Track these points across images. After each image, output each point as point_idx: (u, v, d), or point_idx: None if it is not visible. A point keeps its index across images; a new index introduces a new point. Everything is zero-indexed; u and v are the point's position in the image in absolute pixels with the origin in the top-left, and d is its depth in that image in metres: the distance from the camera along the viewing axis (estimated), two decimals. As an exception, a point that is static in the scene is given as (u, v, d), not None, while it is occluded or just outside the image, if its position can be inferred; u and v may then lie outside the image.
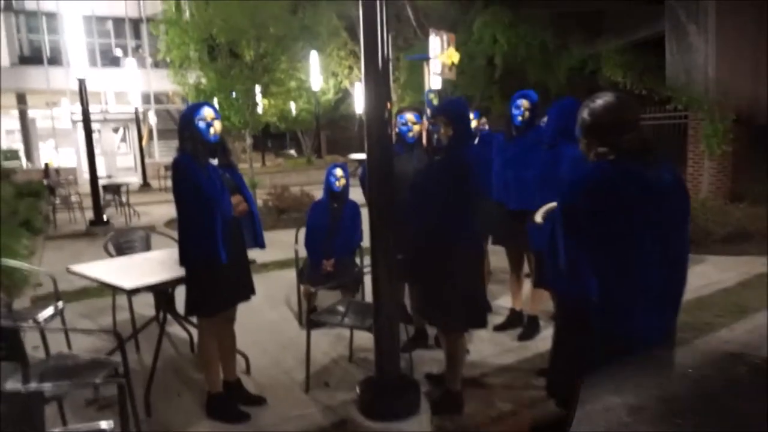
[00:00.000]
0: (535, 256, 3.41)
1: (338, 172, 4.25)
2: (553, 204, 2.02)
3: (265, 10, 10.72)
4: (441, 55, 7.47)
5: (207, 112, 2.87)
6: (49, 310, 3.65)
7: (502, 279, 4.88)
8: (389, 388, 2.80)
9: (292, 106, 16.32)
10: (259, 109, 12.20)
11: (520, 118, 3.89)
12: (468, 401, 3.14)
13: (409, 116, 3.58)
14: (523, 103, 3.88)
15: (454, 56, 7.60)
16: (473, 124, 4.37)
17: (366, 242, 4.20)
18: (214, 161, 2.91)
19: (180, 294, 3.62)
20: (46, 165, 16.16)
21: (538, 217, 2.05)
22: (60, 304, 3.74)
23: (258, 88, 11.76)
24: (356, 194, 4.34)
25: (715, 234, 6.36)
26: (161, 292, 3.51)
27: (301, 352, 3.74)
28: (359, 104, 19.65)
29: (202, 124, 2.85)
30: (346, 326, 3.58)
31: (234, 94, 11.40)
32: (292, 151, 27.11)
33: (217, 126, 2.88)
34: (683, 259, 1.86)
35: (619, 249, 1.71)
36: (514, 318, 4.26)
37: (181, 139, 2.92)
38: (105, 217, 9.35)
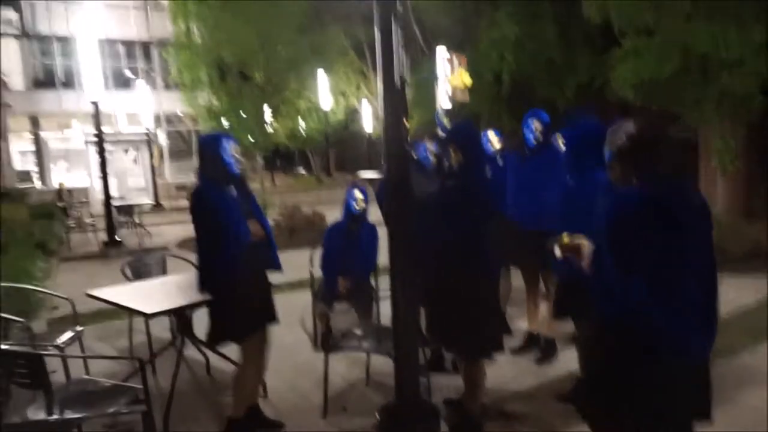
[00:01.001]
0: (559, 284, 3.31)
1: (358, 194, 4.22)
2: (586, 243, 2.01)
3: (274, 32, 10.87)
4: (453, 78, 7.51)
5: (233, 146, 2.95)
6: (68, 334, 3.68)
7: (518, 300, 4.84)
8: (409, 414, 2.77)
9: (301, 124, 16.48)
10: (269, 129, 12.33)
11: (533, 139, 3.91)
12: (487, 427, 3.11)
13: (431, 147, 3.69)
14: (535, 123, 3.91)
15: (466, 78, 7.63)
16: (497, 143, 4.38)
17: (382, 262, 4.21)
18: (233, 189, 2.96)
19: (197, 318, 3.65)
20: (60, 187, 16.33)
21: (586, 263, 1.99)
22: (78, 327, 3.77)
23: (268, 109, 11.89)
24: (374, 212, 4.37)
25: (731, 253, 6.27)
26: (180, 317, 3.53)
27: (317, 376, 3.72)
28: (368, 122, 19.80)
29: (229, 159, 2.92)
30: (365, 350, 3.57)
31: (243, 114, 11.54)
32: (302, 170, 27.26)
33: (241, 160, 2.98)
34: (715, 276, 1.91)
35: (672, 272, 1.74)
36: (531, 341, 4.22)
37: (204, 167, 2.97)
38: (118, 238, 9.41)
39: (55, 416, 2.43)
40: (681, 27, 6.75)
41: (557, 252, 2.08)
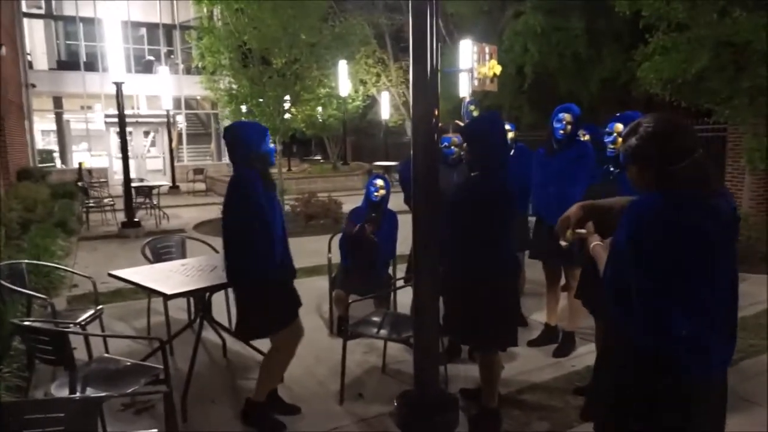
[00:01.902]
0: (583, 270, 3.27)
1: (379, 182, 4.31)
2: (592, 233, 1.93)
3: (297, 18, 10.83)
4: (483, 67, 7.44)
5: (270, 138, 2.98)
6: (89, 312, 3.72)
7: (537, 292, 4.80)
8: (428, 404, 2.75)
9: (320, 111, 16.44)
10: (287, 115, 12.31)
11: (562, 132, 3.83)
12: (504, 419, 3.08)
13: (454, 139, 3.66)
14: (566, 117, 3.83)
15: (496, 68, 7.56)
16: (510, 135, 4.31)
17: (401, 251, 4.20)
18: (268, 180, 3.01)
19: (215, 301, 3.66)
20: (80, 166, 16.55)
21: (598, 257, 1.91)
22: (99, 307, 3.80)
23: (287, 97, 11.86)
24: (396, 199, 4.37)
25: (758, 251, 6.16)
26: (199, 298, 3.54)
27: (333, 362, 3.73)
28: (385, 111, 19.71)
29: (271, 150, 2.98)
30: (383, 338, 3.56)
31: (263, 100, 11.53)
32: (318, 157, 27.31)
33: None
34: (737, 285, 1.77)
35: (695, 282, 1.62)
36: (549, 333, 4.18)
37: (248, 157, 2.89)
38: (136, 219, 9.50)
39: (78, 394, 2.44)
40: (715, 20, 6.57)
41: (562, 240, 2.01)
